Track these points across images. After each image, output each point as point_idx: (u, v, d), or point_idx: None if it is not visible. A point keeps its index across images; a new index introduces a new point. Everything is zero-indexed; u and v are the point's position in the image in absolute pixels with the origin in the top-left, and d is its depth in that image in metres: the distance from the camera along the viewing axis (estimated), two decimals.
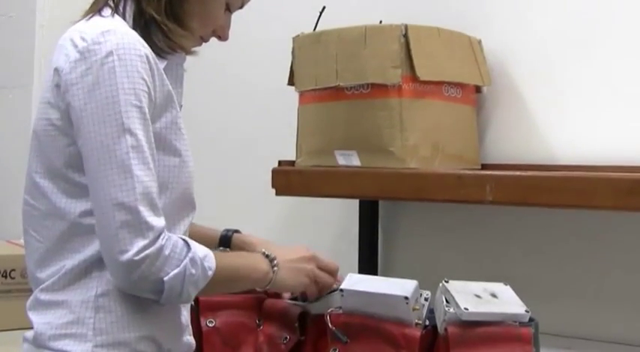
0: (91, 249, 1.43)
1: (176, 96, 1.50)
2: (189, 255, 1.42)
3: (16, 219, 1.53)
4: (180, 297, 1.43)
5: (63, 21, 1.55)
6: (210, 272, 1.44)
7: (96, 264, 1.43)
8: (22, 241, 1.52)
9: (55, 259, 1.45)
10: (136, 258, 1.35)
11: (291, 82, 2.11)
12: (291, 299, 1.78)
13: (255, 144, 2.54)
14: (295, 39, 2.08)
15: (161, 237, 1.38)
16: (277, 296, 1.78)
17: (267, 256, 1.60)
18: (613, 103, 1.96)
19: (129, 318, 1.44)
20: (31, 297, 1.49)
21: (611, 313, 1.95)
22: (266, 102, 2.51)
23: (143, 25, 1.47)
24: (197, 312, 1.74)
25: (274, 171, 2.10)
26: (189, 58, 1.58)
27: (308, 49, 2.04)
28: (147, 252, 1.36)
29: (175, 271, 1.40)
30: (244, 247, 1.76)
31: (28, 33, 3.01)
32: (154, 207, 1.38)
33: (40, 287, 1.46)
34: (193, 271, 1.41)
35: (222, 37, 1.60)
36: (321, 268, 1.69)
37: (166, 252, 1.39)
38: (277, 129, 2.41)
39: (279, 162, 2.15)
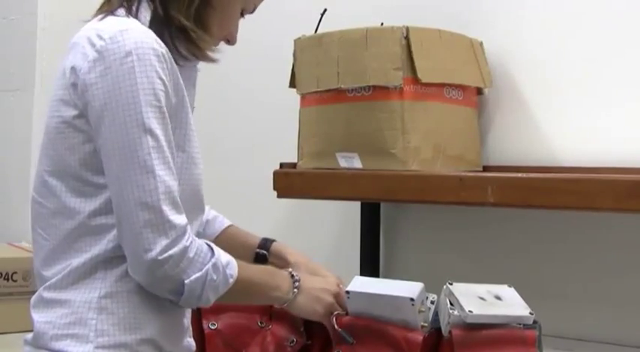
0: (97, 248, 1.43)
1: (189, 97, 1.51)
2: (213, 260, 1.43)
3: (18, 221, 1.53)
4: (200, 301, 1.44)
5: (64, 24, 1.57)
6: (231, 280, 1.45)
7: (101, 264, 1.43)
8: (23, 244, 1.52)
9: (62, 258, 1.45)
10: (160, 257, 1.37)
11: (292, 85, 2.11)
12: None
13: (257, 147, 2.54)
14: (297, 41, 2.08)
15: (185, 237, 1.39)
16: None
17: (292, 276, 1.62)
18: (614, 105, 1.96)
19: (131, 321, 1.43)
20: (35, 294, 1.49)
21: (613, 315, 1.95)
22: (267, 104, 2.52)
23: (167, 31, 1.46)
24: (199, 315, 1.73)
25: (276, 174, 2.09)
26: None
27: (309, 52, 2.04)
28: (170, 252, 1.37)
29: (197, 274, 1.41)
30: (283, 254, 1.77)
31: (29, 36, 3.01)
32: (176, 206, 1.39)
33: (45, 284, 1.46)
34: (215, 276, 1.42)
35: (232, 41, 1.60)
36: (342, 305, 1.66)
37: (191, 254, 1.40)
38: (279, 131, 2.40)
39: (281, 165, 2.15)
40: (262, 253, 1.77)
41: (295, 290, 1.61)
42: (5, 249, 2.74)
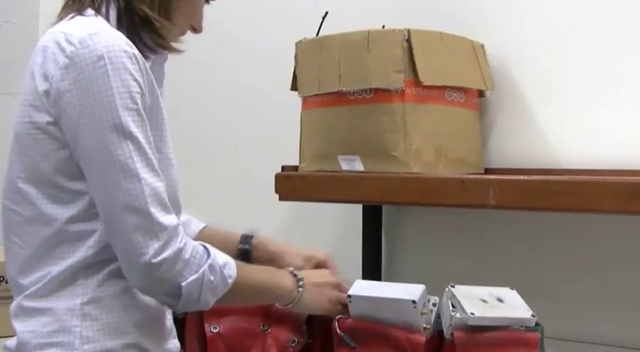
0: (77, 255, 1.42)
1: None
2: (209, 261, 1.42)
3: None
4: (199, 303, 1.43)
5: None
6: (230, 280, 1.45)
7: (82, 270, 1.42)
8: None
9: (40, 265, 1.44)
10: (154, 260, 1.36)
11: (294, 87, 2.10)
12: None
13: (258, 150, 2.53)
14: (298, 44, 2.07)
15: (178, 238, 1.39)
16: None
17: (294, 275, 1.62)
18: (616, 107, 1.96)
19: (115, 326, 1.43)
20: (14, 304, 1.47)
21: (617, 317, 1.95)
22: (269, 107, 2.51)
23: (131, 24, 1.45)
24: (201, 318, 1.73)
25: (277, 176, 2.09)
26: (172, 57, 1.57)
27: (311, 54, 2.03)
28: (164, 254, 1.36)
29: (194, 277, 1.40)
30: (265, 246, 1.77)
31: (31, 39, 2.96)
32: (164, 207, 1.38)
33: (24, 293, 1.45)
34: (212, 278, 1.42)
35: (199, 29, 1.58)
36: (344, 292, 1.67)
37: (186, 255, 1.39)
38: (280, 134, 2.40)
39: (283, 168, 2.14)
40: (245, 248, 1.77)
41: (300, 288, 1.61)
42: (4, 252, 2.71)
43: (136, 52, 1.40)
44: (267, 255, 1.76)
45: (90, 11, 1.46)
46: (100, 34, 1.38)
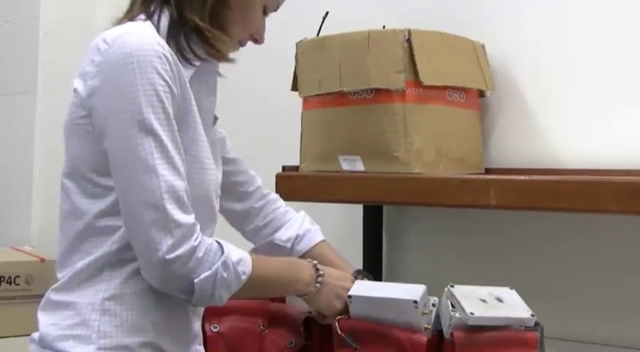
0: (102, 250, 1.44)
1: (208, 104, 1.53)
2: (222, 258, 1.43)
3: (21, 225, 1.52)
4: (212, 299, 1.44)
5: (67, 27, 1.55)
6: (244, 277, 1.45)
7: (107, 266, 1.44)
8: (26, 247, 1.52)
9: (70, 260, 1.46)
10: (167, 256, 1.37)
11: (294, 88, 2.11)
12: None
13: (259, 150, 2.46)
14: (299, 44, 2.08)
15: (193, 236, 1.39)
16: (282, 300, 1.78)
17: (316, 269, 1.61)
18: (617, 107, 1.96)
19: (133, 323, 1.44)
20: (45, 296, 1.50)
21: (617, 317, 1.95)
22: (269, 107, 2.51)
23: (181, 33, 1.47)
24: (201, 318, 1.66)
25: (278, 177, 2.09)
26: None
27: (311, 55, 2.04)
28: (178, 251, 1.37)
29: (206, 273, 1.40)
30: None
31: (31, 39, 3.01)
32: (181, 205, 1.39)
33: (53, 286, 1.48)
34: (225, 275, 1.42)
35: (259, 40, 1.59)
36: None
37: (199, 254, 1.40)
38: (281, 134, 2.40)
39: (283, 168, 2.15)
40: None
41: (318, 284, 1.60)
42: (8, 252, 2.74)
43: (168, 53, 1.41)
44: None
45: (141, 16, 1.48)
46: (132, 33, 1.41)
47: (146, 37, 1.41)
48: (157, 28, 1.46)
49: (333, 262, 1.75)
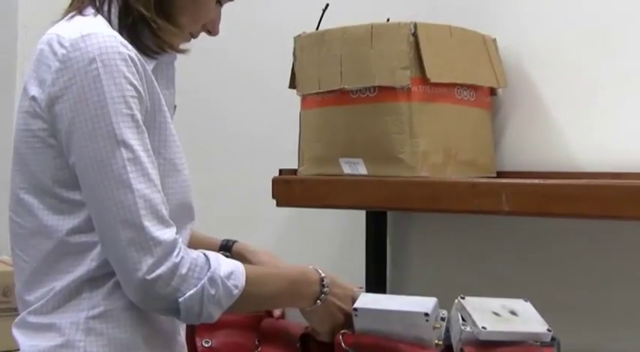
0: (80, 269, 1.41)
1: (168, 97, 1.49)
2: (209, 273, 1.40)
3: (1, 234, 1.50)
4: (201, 317, 1.41)
5: (47, 21, 1.53)
6: (236, 291, 1.42)
7: (86, 284, 1.41)
8: (4, 257, 1.51)
9: (44, 281, 1.43)
10: (148, 277, 1.35)
11: (292, 85, 2.08)
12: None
13: (254, 152, 2.54)
14: (297, 39, 2.05)
15: (174, 253, 1.37)
16: (270, 314, 1.79)
17: (322, 285, 1.58)
18: (639, 105, 1.92)
19: (123, 342, 1.42)
20: (19, 318, 1.47)
21: (637, 331, 1.91)
22: (266, 106, 2.50)
23: (130, 24, 1.44)
24: (193, 332, 1.73)
25: (275, 181, 2.06)
26: (180, 56, 1.56)
27: (310, 50, 2.01)
28: (158, 271, 1.35)
29: (191, 292, 1.38)
30: (245, 255, 1.75)
31: (9, 34, 3.03)
32: (161, 220, 1.37)
33: (29, 309, 1.44)
34: (213, 291, 1.39)
35: (213, 31, 1.57)
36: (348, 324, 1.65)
37: (182, 270, 1.37)
38: (278, 135, 2.40)
39: (280, 171, 2.12)
40: (225, 255, 1.72)
41: (319, 301, 1.58)
42: None
43: (133, 53, 1.39)
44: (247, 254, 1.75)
45: (90, 10, 1.45)
46: (92, 35, 1.37)
47: (107, 38, 1.37)
48: (109, 21, 1.44)
49: (207, 241, 1.75)
